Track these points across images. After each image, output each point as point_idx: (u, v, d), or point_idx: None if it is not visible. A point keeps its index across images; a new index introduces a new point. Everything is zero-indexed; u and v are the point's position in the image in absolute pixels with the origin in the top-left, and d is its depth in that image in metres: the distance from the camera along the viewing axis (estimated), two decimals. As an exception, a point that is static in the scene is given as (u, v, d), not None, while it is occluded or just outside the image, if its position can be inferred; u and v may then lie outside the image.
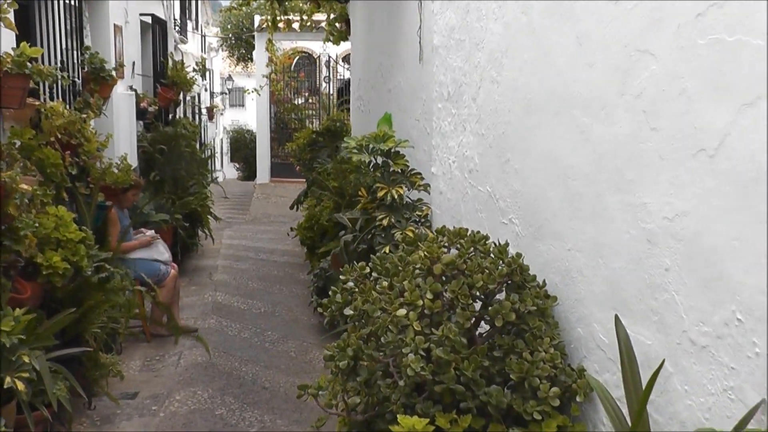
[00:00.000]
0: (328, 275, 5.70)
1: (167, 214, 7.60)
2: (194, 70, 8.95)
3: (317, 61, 17.75)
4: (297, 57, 18.97)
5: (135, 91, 7.45)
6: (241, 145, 28.07)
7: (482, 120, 3.53)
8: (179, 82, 8.60)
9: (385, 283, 2.62)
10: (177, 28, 11.53)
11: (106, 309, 4.36)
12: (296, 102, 17.92)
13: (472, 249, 2.64)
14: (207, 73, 23.84)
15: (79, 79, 5.14)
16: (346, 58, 18.37)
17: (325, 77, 17.74)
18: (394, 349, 2.42)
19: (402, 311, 2.45)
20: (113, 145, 6.78)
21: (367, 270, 2.79)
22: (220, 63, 29.01)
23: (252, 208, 14.57)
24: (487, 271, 2.54)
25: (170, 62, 8.95)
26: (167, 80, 8.69)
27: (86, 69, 4.96)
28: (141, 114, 7.70)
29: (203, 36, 19.84)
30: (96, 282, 4.22)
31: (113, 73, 5.06)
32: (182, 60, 9.83)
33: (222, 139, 28.74)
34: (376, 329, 2.47)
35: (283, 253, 9.77)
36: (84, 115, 4.49)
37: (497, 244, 2.75)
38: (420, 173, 4.48)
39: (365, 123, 8.70)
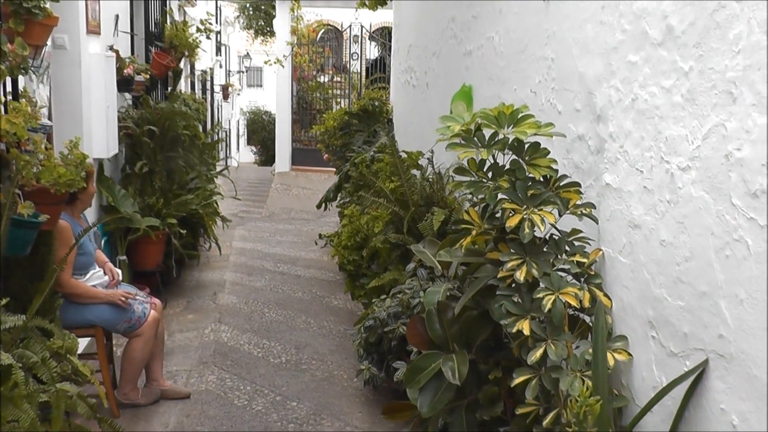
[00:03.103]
0: (385, 331, 3.71)
1: (157, 218, 5.67)
2: (198, 30, 6.93)
3: (344, 35, 15.72)
4: (322, 30, 16.96)
5: (116, 52, 5.49)
6: (259, 128, 26.79)
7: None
8: (178, 45, 6.60)
9: None
10: (181, -17, 9.53)
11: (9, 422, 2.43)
12: (320, 80, 15.91)
13: None
14: (223, 49, 21.88)
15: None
16: (378, 32, 16.35)
17: (353, 53, 15.71)
18: None
19: None
20: (80, 124, 4.85)
21: None
22: (238, 40, 27.08)
23: (269, 200, 12.58)
24: None
25: (168, 20, 6.95)
26: (164, 43, 6.71)
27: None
28: (125, 83, 5.73)
29: (219, 6, 17.76)
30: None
31: (46, 4, 3.07)
32: (185, 20, 7.84)
33: (238, 121, 27.09)
34: None
35: (309, 264, 7.79)
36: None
37: None
38: (579, 184, 2.48)
39: (418, 102, 6.71)
